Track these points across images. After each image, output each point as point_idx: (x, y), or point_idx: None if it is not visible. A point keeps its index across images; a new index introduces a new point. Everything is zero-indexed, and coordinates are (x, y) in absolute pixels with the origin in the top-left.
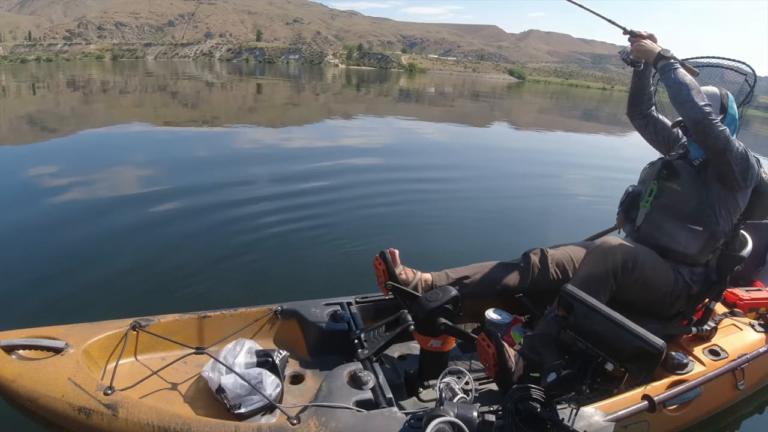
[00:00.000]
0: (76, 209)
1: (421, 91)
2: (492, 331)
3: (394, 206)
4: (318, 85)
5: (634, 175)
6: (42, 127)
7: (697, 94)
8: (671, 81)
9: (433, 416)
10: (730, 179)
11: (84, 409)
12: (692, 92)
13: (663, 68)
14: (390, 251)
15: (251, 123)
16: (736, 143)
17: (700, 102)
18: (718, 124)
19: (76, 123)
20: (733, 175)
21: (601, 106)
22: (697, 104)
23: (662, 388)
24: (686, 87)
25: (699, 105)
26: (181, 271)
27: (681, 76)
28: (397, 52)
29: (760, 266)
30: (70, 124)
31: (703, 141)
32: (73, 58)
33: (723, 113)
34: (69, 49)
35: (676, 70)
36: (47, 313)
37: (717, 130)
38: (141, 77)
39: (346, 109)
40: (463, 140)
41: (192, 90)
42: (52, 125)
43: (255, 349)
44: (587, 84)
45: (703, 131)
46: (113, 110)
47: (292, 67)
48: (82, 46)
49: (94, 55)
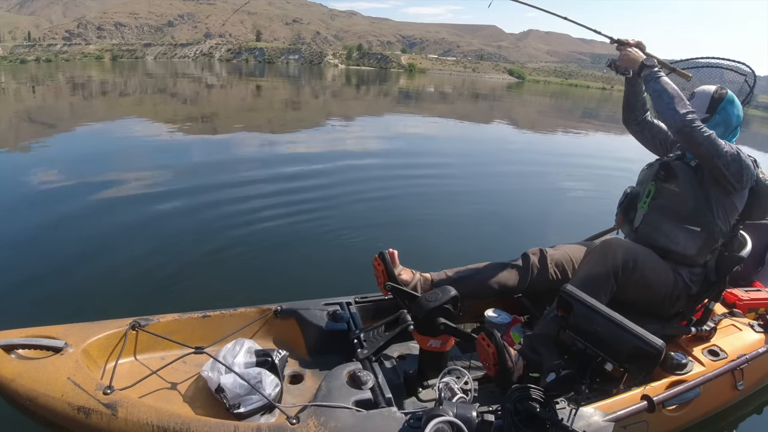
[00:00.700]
0: (75, 208)
1: (421, 91)
2: (492, 331)
3: (394, 206)
4: (319, 85)
5: (633, 174)
6: (41, 126)
7: (678, 101)
8: (653, 90)
9: (433, 416)
10: (723, 181)
11: (83, 408)
12: (673, 100)
13: (646, 77)
14: (389, 252)
15: (251, 123)
16: (724, 146)
17: (681, 110)
18: (701, 129)
19: (75, 123)
20: (725, 177)
21: (601, 105)
22: (678, 112)
23: (661, 389)
24: (667, 95)
25: (680, 113)
26: (181, 270)
27: (663, 84)
28: (396, 52)
29: (759, 267)
30: (70, 124)
31: (688, 147)
32: (73, 59)
33: (710, 113)
34: (68, 49)
35: (659, 78)
36: (47, 312)
37: (701, 136)
38: (141, 77)
39: (347, 109)
40: (463, 140)
41: (192, 90)
42: (52, 124)
43: (254, 349)
44: (587, 84)
45: (685, 138)
46: (113, 110)
47: (292, 67)
48: (82, 46)
49: (93, 55)
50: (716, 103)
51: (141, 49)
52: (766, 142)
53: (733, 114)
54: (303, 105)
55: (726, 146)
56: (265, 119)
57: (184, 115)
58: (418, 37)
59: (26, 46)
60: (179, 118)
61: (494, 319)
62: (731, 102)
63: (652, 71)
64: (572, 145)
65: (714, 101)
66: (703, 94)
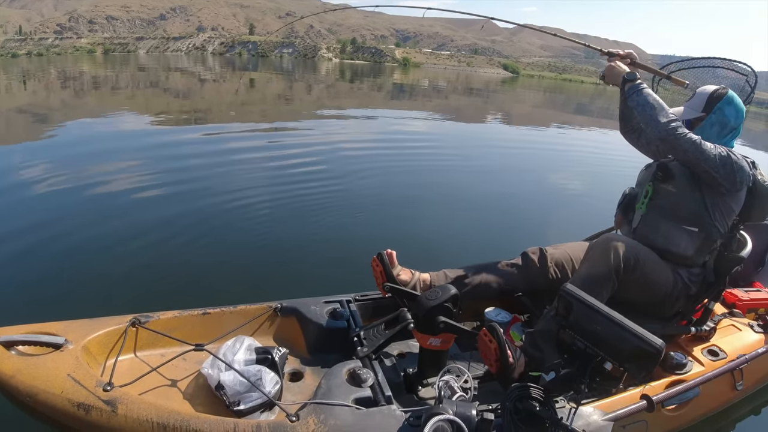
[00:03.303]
0: (76, 204)
1: (418, 85)
2: (494, 327)
3: (393, 203)
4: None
5: (633, 175)
6: (36, 121)
7: (659, 111)
8: (635, 103)
9: (432, 414)
10: (714, 184)
11: (83, 405)
12: (654, 111)
13: (628, 91)
14: (387, 252)
15: (250, 120)
16: (711, 150)
17: (663, 119)
18: (686, 136)
19: (71, 117)
20: (716, 180)
21: (596, 101)
22: (660, 122)
23: (661, 388)
24: (649, 107)
25: (661, 123)
26: (181, 267)
27: (644, 96)
28: (390, 46)
29: (759, 267)
30: (67, 119)
31: (674, 155)
32: (65, 53)
33: (706, 112)
34: (60, 43)
35: (640, 91)
36: (47, 308)
37: (686, 143)
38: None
39: (346, 105)
40: (462, 138)
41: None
42: (48, 120)
43: (254, 347)
44: (581, 79)
45: (669, 146)
46: (107, 104)
47: (286, 61)
48: (73, 40)
49: (85, 49)
50: (714, 102)
51: (133, 42)
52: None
53: (731, 114)
54: (302, 100)
55: (714, 150)
56: (262, 114)
57: (183, 113)
58: (412, 30)
59: (17, 40)
60: (178, 116)
61: (494, 318)
62: (729, 102)
63: (633, 84)
64: (571, 144)
65: (711, 100)
66: (703, 93)
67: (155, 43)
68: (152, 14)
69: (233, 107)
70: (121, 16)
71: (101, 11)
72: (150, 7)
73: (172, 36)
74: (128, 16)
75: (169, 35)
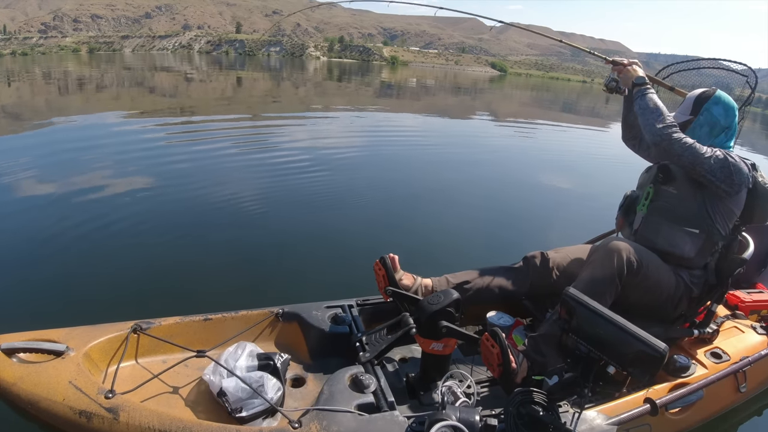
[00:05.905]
0: (77, 210)
1: (406, 84)
2: (496, 331)
3: (395, 208)
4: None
5: (634, 178)
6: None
7: (658, 116)
8: (638, 107)
9: (436, 420)
10: (712, 187)
11: (85, 412)
12: (653, 115)
13: (636, 94)
14: (390, 256)
15: (248, 125)
16: (707, 153)
17: (659, 124)
18: (681, 141)
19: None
20: (713, 183)
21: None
22: (655, 127)
23: (664, 391)
24: (650, 111)
25: (656, 127)
26: (182, 273)
27: (647, 101)
28: (378, 45)
29: (762, 269)
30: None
31: (669, 159)
32: (50, 52)
33: (694, 115)
34: (45, 42)
35: (645, 95)
36: (48, 316)
37: (679, 148)
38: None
39: (345, 106)
40: (462, 140)
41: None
42: (48, 120)
43: (256, 353)
44: (567, 77)
45: (663, 151)
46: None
47: (274, 59)
48: (58, 39)
49: (70, 48)
50: (701, 103)
51: (118, 41)
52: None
53: (719, 114)
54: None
55: (710, 153)
56: (260, 117)
57: (181, 114)
58: (399, 29)
59: (2, 40)
60: (176, 117)
61: (496, 322)
62: (717, 102)
63: (641, 88)
64: (571, 147)
65: (698, 102)
66: (691, 96)
67: (141, 42)
68: (137, 12)
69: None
70: (106, 15)
71: (86, 10)
72: (135, 6)
73: (157, 34)
74: (113, 15)
75: (155, 34)
